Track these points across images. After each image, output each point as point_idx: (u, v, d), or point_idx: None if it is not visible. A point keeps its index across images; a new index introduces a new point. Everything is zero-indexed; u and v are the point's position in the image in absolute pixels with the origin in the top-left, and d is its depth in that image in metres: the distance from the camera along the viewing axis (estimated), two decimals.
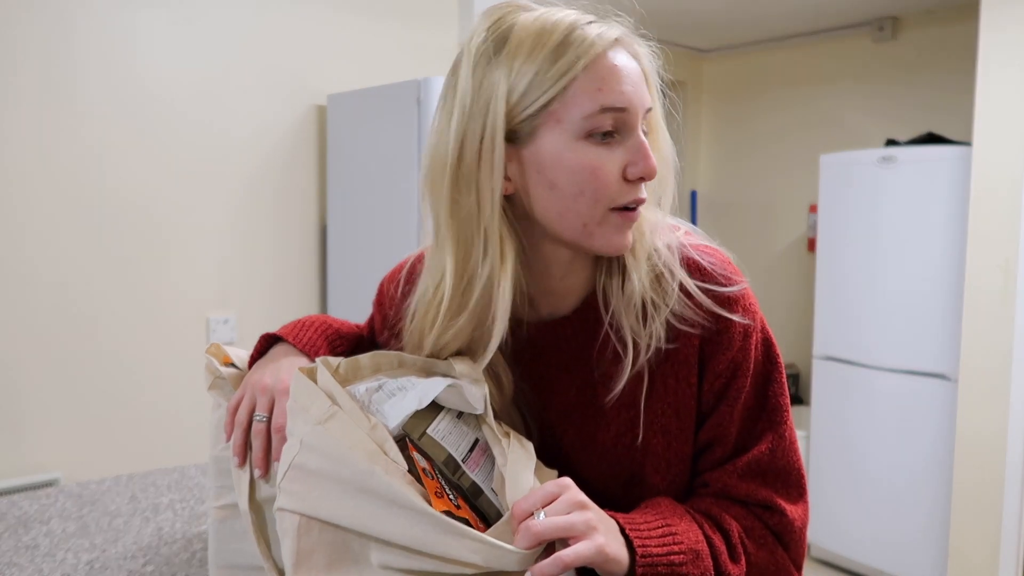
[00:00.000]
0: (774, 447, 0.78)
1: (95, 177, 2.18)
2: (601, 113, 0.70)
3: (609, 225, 0.73)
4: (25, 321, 2.08)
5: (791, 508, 0.78)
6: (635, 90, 0.72)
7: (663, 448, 0.78)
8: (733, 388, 0.77)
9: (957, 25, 3.21)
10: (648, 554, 0.67)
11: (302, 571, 0.63)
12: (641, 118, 0.73)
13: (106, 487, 1.27)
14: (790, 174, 3.82)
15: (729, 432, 0.78)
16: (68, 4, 2.10)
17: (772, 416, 0.79)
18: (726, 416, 0.77)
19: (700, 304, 0.76)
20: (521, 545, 0.61)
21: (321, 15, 2.60)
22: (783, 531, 0.78)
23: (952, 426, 2.68)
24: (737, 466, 0.78)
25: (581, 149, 0.71)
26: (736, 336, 0.76)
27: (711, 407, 0.78)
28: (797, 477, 0.79)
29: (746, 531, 0.76)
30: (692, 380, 0.77)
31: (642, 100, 0.73)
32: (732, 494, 0.78)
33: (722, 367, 0.76)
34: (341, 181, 2.56)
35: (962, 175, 2.65)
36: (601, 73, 0.70)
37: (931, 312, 2.75)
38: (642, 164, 0.72)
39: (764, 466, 0.78)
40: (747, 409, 0.78)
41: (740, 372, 0.77)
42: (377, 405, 0.72)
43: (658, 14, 3.35)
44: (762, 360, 0.79)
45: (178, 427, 2.31)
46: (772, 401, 0.79)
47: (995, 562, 2.53)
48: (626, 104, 0.71)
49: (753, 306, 0.78)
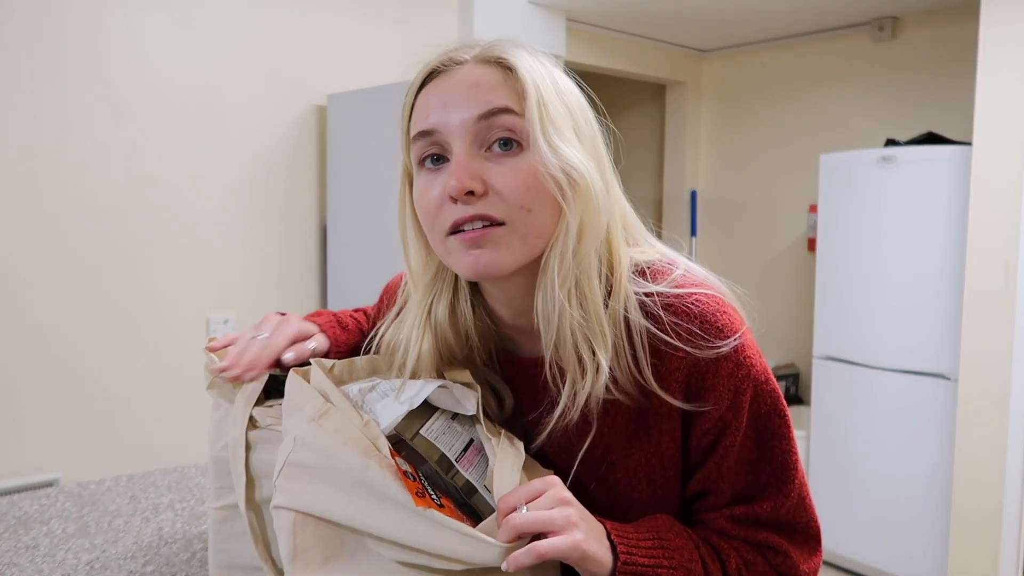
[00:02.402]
0: (777, 506, 0.74)
1: (95, 177, 2.18)
2: (414, 142, 0.72)
3: (453, 251, 0.70)
4: (25, 321, 2.08)
5: (797, 553, 0.74)
6: (451, 105, 0.69)
7: (648, 496, 0.75)
8: (722, 446, 0.72)
9: (957, 25, 3.21)
10: (632, 562, 0.66)
11: (299, 567, 0.63)
12: (470, 129, 0.68)
13: (106, 487, 1.27)
14: (790, 174, 3.82)
15: (721, 487, 0.74)
16: (68, 4, 2.10)
17: (777, 473, 0.74)
18: (713, 471, 0.74)
19: (673, 361, 0.70)
20: (502, 538, 0.62)
21: (321, 15, 2.60)
22: (787, 572, 0.74)
23: (952, 426, 2.68)
24: (734, 513, 0.74)
25: (418, 180, 0.73)
26: (724, 393, 0.70)
27: (699, 461, 0.74)
28: (805, 528, 0.75)
29: (746, 564, 0.73)
30: (676, 435, 0.73)
31: (466, 111, 0.68)
32: (730, 535, 0.75)
33: (709, 425, 0.72)
34: (341, 181, 2.56)
35: (962, 175, 2.65)
36: (418, 104, 0.73)
37: (931, 312, 2.75)
38: (449, 182, 0.68)
39: (764, 519, 0.74)
40: (746, 463, 0.73)
41: (729, 431, 0.72)
42: (370, 405, 0.72)
43: (658, 14, 3.35)
44: (763, 414, 0.73)
45: (178, 427, 2.31)
46: (779, 458, 0.73)
47: (995, 562, 2.53)
48: (431, 127, 0.70)
49: (749, 360, 0.71)
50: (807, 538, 0.76)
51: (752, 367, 0.71)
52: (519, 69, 0.69)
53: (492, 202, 0.68)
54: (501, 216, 0.68)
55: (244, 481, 0.77)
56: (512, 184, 0.68)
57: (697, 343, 0.69)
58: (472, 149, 0.69)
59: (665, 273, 0.74)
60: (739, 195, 4.05)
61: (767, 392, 0.73)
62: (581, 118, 0.73)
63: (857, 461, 2.99)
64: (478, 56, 0.72)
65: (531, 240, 0.69)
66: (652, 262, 0.76)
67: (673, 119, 4.16)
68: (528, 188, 0.68)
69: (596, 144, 0.74)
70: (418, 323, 0.79)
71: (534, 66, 0.70)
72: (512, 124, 0.68)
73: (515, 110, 0.68)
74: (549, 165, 0.67)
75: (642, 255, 0.76)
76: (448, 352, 0.79)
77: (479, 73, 0.70)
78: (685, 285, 0.72)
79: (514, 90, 0.69)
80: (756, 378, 0.72)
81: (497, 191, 0.68)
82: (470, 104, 0.68)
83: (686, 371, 0.70)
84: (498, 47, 0.72)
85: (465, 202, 0.68)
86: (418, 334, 0.78)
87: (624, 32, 3.61)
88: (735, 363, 0.70)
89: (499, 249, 0.69)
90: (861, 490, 2.97)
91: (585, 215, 0.69)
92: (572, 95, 0.74)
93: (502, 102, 0.68)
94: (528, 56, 0.71)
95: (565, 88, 0.73)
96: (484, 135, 0.69)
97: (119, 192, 2.22)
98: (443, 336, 0.78)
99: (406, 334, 0.80)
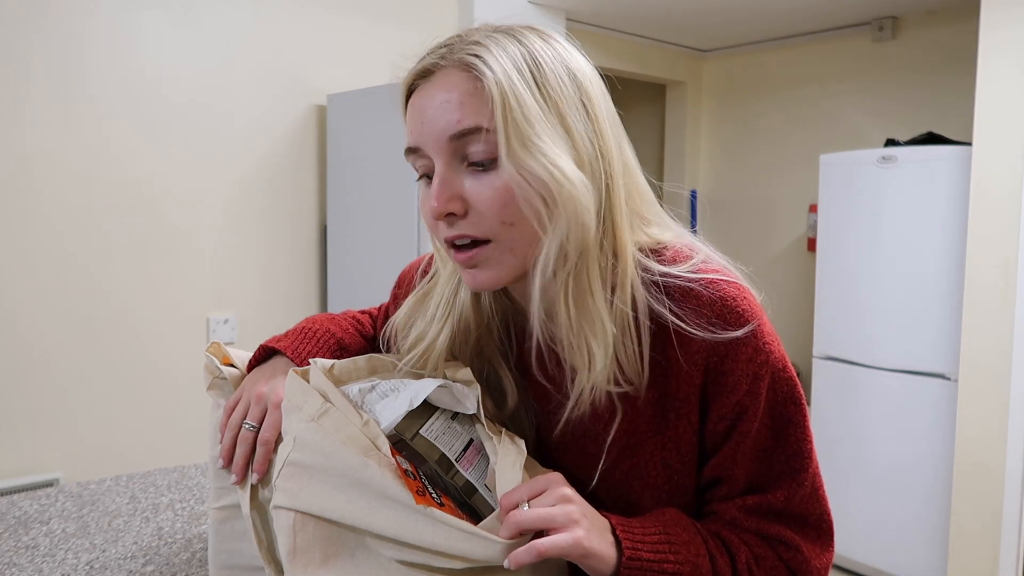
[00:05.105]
0: (791, 495, 0.73)
1: (95, 177, 2.18)
2: (407, 156, 0.72)
3: (455, 263, 0.73)
4: (25, 321, 2.08)
5: (809, 548, 0.74)
6: (427, 124, 0.68)
7: (663, 481, 0.75)
8: (738, 431, 0.72)
9: (957, 25, 3.21)
10: (637, 557, 0.66)
11: (299, 567, 0.63)
12: (445, 148, 0.68)
13: (106, 487, 1.27)
14: (790, 174, 3.82)
15: (735, 474, 0.74)
16: (70, 5, 2.10)
17: (792, 462, 0.73)
18: (729, 457, 0.73)
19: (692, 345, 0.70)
20: (504, 535, 0.62)
21: (321, 16, 2.60)
22: (799, 568, 0.74)
23: (952, 426, 2.68)
24: (747, 503, 0.74)
25: (420, 189, 0.74)
26: (741, 379, 0.70)
27: (715, 447, 0.74)
28: (818, 522, 0.75)
29: (757, 559, 0.73)
30: (693, 419, 0.73)
31: (437, 131, 0.67)
32: (741, 527, 0.74)
33: (726, 410, 0.72)
34: (341, 181, 2.56)
35: (962, 175, 2.65)
36: (407, 116, 0.72)
37: (931, 312, 2.75)
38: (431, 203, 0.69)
39: (777, 509, 0.74)
40: (760, 451, 0.73)
41: (746, 416, 0.72)
42: (370, 405, 0.72)
43: (658, 14, 3.35)
44: (780, 401, 0.73)
45: (178, 427, 2.31)
46: (794, 446, 0.73)
47: (995, 562, 2.53)
48: (413, 143, 0.71)
49: (767, 346, 0.71)
50: (820, 533, 0.75)
51: (771, 353, 0.72)
52: (485, 78, 0.66)
53: (473, 221, 0.68)
54: (484, 234, 0.68)
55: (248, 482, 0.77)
56: (489, 201, 0.67)
57: (717, 328, 0.70)
58: (452, 164, 0.69)
59: (686, 257, 0.74)
60: (739, 195, 4.06)
61: (785, 380, 0.73)
62: (572, 102, 0.68)
63: (857, 461, 2.98)
64: (451, 60, 0.68)
65: (521, 251, 0.69)
66: (668, 244, 0.75)
67: (673, 119, 4.16)
68: (505, 204, 0.67)
69: (597, 123, 0.70)
70: (444, 300, 0.80)
71: (505, 66, 0.66)
72: (481, 143, 0.66)
73: (484, 126, 0.66)
74: (518, 183, 0.66)
75: (658, 234, 0.75)
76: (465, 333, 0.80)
77: (451, 83, 0.68)
78: (705, 271, 0.72)
79: (484, 101, 0.66)
80: (774, 365, 0.72)
81: (477, 210, 0.68)
82: (441, 122, 0.67)
83: (705, 355, 0.70)
84: (470, 46, 0.68)
85: (449, 223, 0.69)
86: (443, 312, 0.79)
87: (624, 32, 3.61)
88: (754, 348, 0.71)
89: (491, 267, 0.70)
90: (861, 490, 2.97)
91: (571, 220, 0.67)
92: (560, 77, 0.68)
93: (470, 121, 0.66)
94: (500, 54, 0.67)
95: (552, 71, 0.68)
96: (461, 151, 0.68)
97: (119, 192, 2.22)
98: (466, 316, 0.79)
99: (431, 312, 0.81)
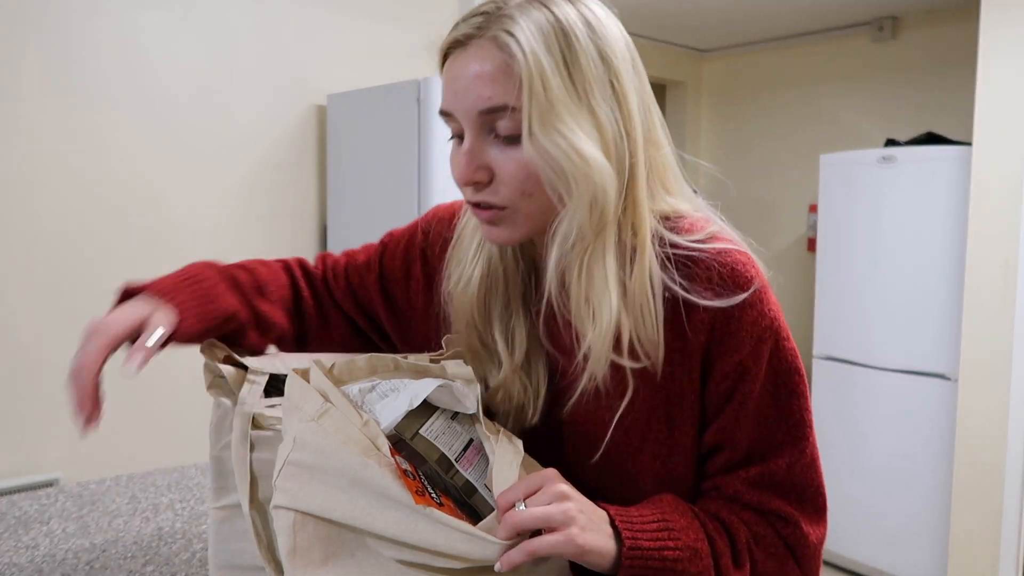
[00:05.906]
0: (792, 462, 0.75)
1: (95, 177, 2.18)
2: (441, 116, 0.75)
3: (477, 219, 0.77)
4: (25, 321, 2.08)
5: (806, 523, 0.75)
6: (459, 95, 0.71)
7: (665, 436, 0.76)
8: (740, 392, 0.74)
9: (957, 25, 3.21)
10: (637, 546, 0.66)
11: (298, 567, 0.63)
12: (475, 120, 0.71)
13: (106, 487, 1.27)
14: (790, 174, 3.82)
15: (737, 438, 0.75)
16: (70, 5, 2.10)
17: (794, 430, 0.75)
18: (731, 420, 0.75)
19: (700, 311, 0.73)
20: (501, 535, 0.62)
21: (321, 15, 2.60)
22: (797, 544, 0.75)
23: (952, 426, 2.68)
24: (750, 474, 0.75)
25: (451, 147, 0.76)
26: (745, 340, 0.73)
27: (717, 409, 0.76)
28: (815, 496, 0.76)
29: (756, 538, 0.74)
30: (695, 376, 0.75)
31: (469, 103, 0.70)
32: (743, 500, 0.76)
33: (729, 368, 0.74)
34: (341, 181, 2.56)
35: (962, 175, 2.65)
36: (443, 77, 0.74)
37: (931, 312, 2.76)
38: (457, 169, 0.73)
39: (779, 479, 0.75)
40: (763, 417, 0.75)
41: (748, 376, 0.73)
42: (370, 405, 0.72)
43: (658, 14, 3.35)
44: (783, 370, 0.75)
45: (178, 427, 2.31)
46: (796, 415, 0.75)
47: (995, 562, 2.53)
48: (446, 108, 0.73)
49: (772, 312, 0.74)
50: (816, 508, 0.77)
51: (775, 319, 0.74)
52: (515, 57, 0.67)
53: (495, 190, 0.72)
54: (502, 203, 0.73)
55: (248, 481, 0.77)
56: (511, 174, 0.71)
57: (724, 293, 0.72)
58: (480, 135, 0.72)
59: (701, 228, 0.77)
60: (739, 195, 4.06)
61: (788, 349, 0.75)
62: (600, 83, 0.70)
63: (857, 461, 2.99)
64: (486, 34, 0.70)
65: (536, 216, 0.74)
66: (684, 213, 0.78)
67: (673, 119, 4.16)
68: (527, 177, 0.71)
69: (625, 102, 0.71)
70: (475, 243, 0.83)
71: (536, 48, 0.67)
72: (508, 119, 0.69)
73: (511, 105, 0.68)
74: (539, 163, 0.69)
75: (676, 204, 0.78)
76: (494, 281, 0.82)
77: (484, 56, 0.69)
78: (718, 239, 0.75)
79: (513, 80, 0.68)
80: (777, 332, 0.75)
81: (499, 179, 0.72)
82: (472, 96, 0.70)
83: (711, 318, 0.73)
84: (505, 20, 0.69)
85: (475, 189, 0.73)
86: (474, 254, 0.82)
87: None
88: (759, 312, 0.73)
89: (507, 227, 0.75)
90: (861, 489, 2.97)
91: (590, 201, 0.70)
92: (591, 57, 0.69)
93: (499, 99, 0.69)
94: (534, 32, 0.68)
95: (584, 51, 0.69)
96: (489, 124, 0.71)
97: (119, 192, 2.22)
98: (496, 262, 0.82)
99: (463, 253, 0.84)
